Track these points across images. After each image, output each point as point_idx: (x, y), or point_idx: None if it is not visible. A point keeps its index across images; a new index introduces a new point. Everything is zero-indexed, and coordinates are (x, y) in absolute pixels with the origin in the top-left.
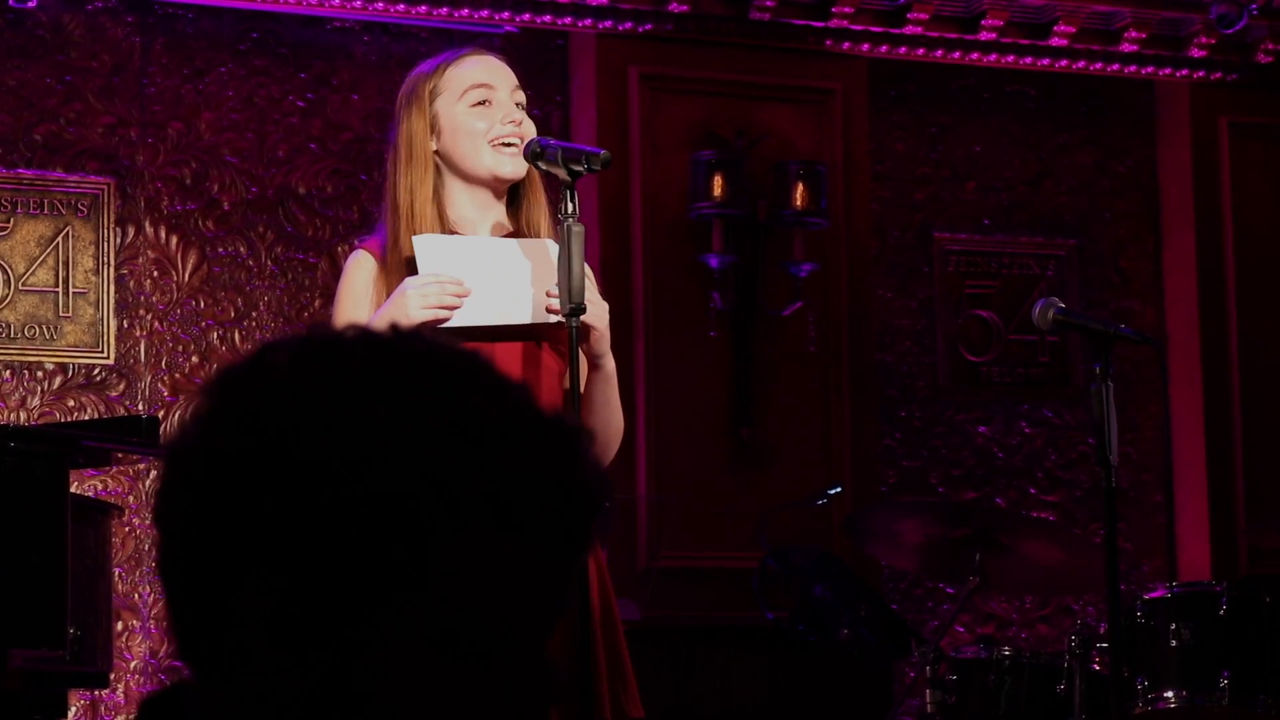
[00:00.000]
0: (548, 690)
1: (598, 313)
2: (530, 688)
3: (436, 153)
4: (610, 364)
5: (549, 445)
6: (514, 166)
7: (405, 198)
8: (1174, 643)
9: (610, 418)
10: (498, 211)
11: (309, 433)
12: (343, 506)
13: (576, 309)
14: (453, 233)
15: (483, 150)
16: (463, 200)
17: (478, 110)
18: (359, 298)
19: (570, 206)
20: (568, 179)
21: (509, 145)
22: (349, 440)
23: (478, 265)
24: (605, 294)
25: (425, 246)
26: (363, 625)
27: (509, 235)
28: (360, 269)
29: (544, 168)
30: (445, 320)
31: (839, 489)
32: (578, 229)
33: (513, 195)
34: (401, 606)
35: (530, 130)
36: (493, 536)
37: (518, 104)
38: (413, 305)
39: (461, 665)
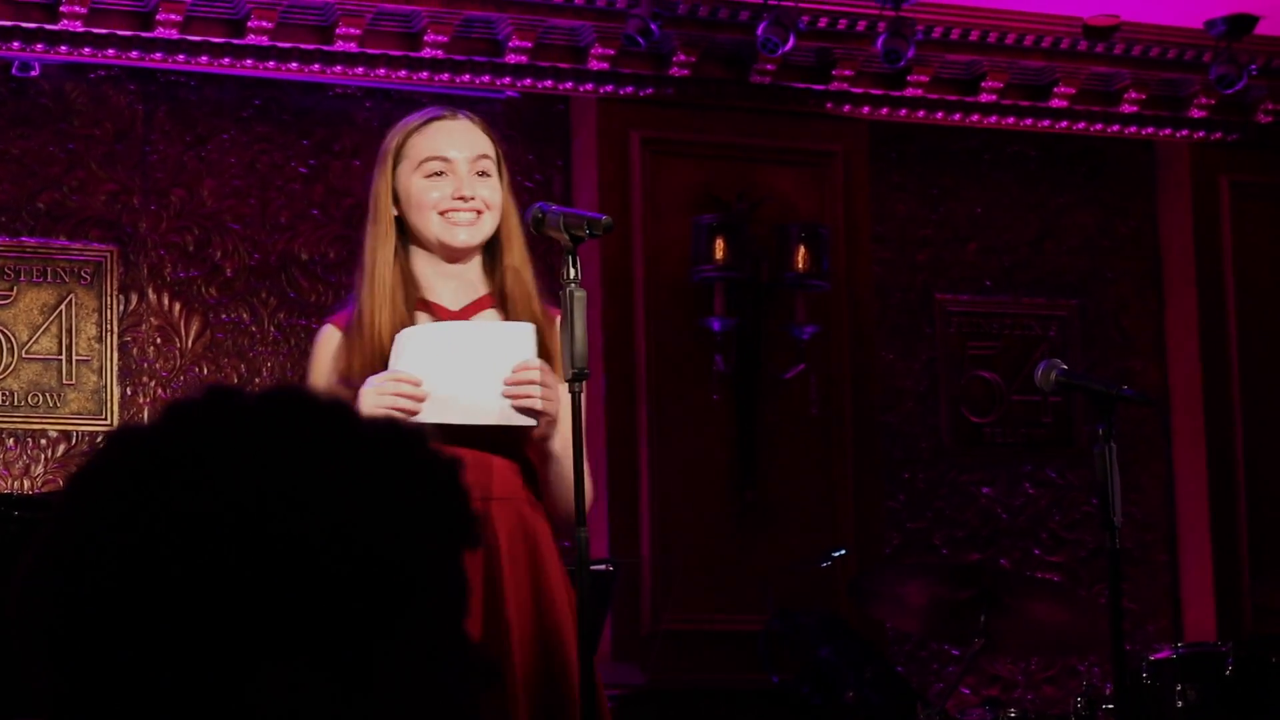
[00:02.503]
0: (487, 666)
1: (554, 401)
2: (474, 667)
3: (397, 217)
4: (558, 443)
5: (436, 462)
6: (466, 236)
7: (369, 258)
8: (1180, 704)
9: (564, 492)
10: (462, 275)
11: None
12: (342, 564)
13: (580, 374)
14: (416, 295)
15: (432, 220)
16: (422, 264)
17: (432, 181)
18: (320, 373)
19: (572, 272)
20: (569, 244)
21: (462, 214)
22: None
23: (453, 357)
24: (609, 357)
25: (401, 341)
26: (379, 638)
27: (486, 297)
28: (324, 345)
29: (546, 233)
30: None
31: (843, 551)
32: (580, 294)
33: (493, 257)
34: (402, 626)
35: (491, 197)
36: (435, 553)
37: (480, 172)
38: (368, 404)
39: (436, 665)
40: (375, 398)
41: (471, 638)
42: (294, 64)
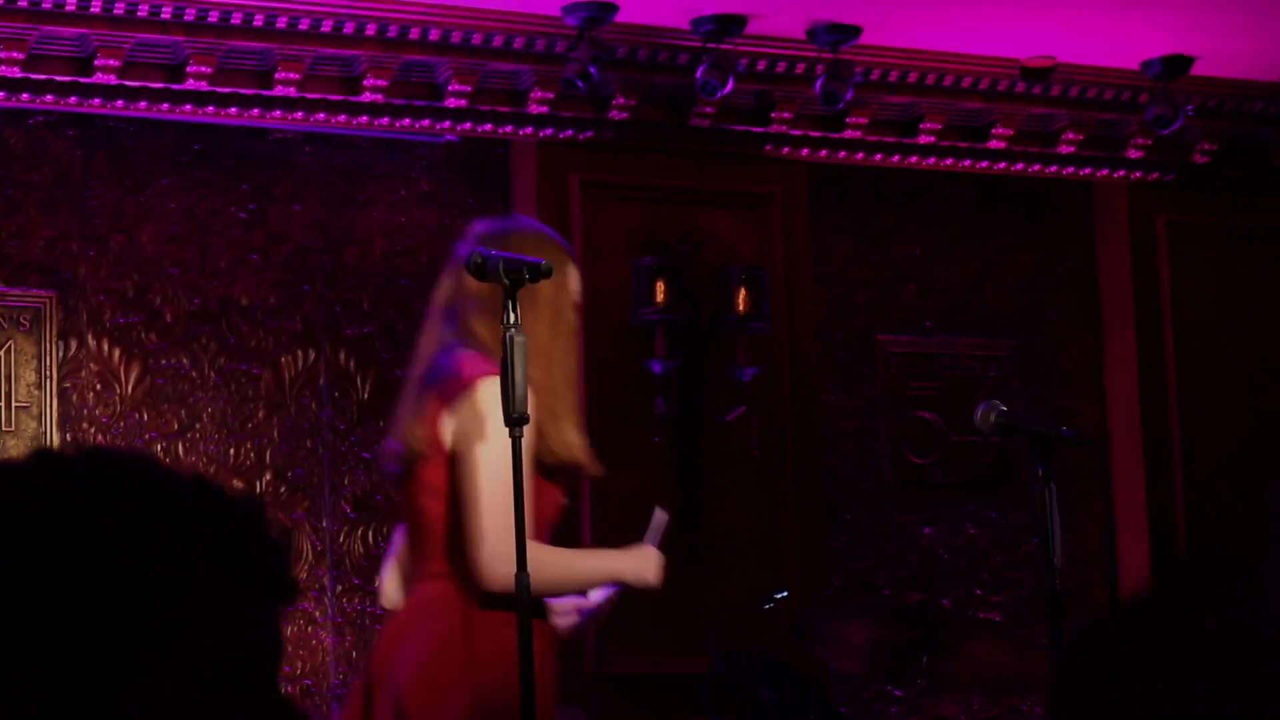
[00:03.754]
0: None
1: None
2: (278, 715)
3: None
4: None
5: (242, 514)
6: None
7: (571, 366)
8: None
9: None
10: None
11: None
12: (101, 586)
13: (520, 419)
14: None
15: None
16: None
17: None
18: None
19: (512, 317)
20: (509, 289)
21: None
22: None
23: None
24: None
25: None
26: (128, 672)
27: None
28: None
29: (486, 278)
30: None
31: (785, 593)
32: (520, 339)
33: None
34: (160, 656)
35: None
36: (218, 590)
37: None
38: (653, 576)
39: (221, 701)
40: (657, 569)
41: (282, 696)
42: (233, 109)
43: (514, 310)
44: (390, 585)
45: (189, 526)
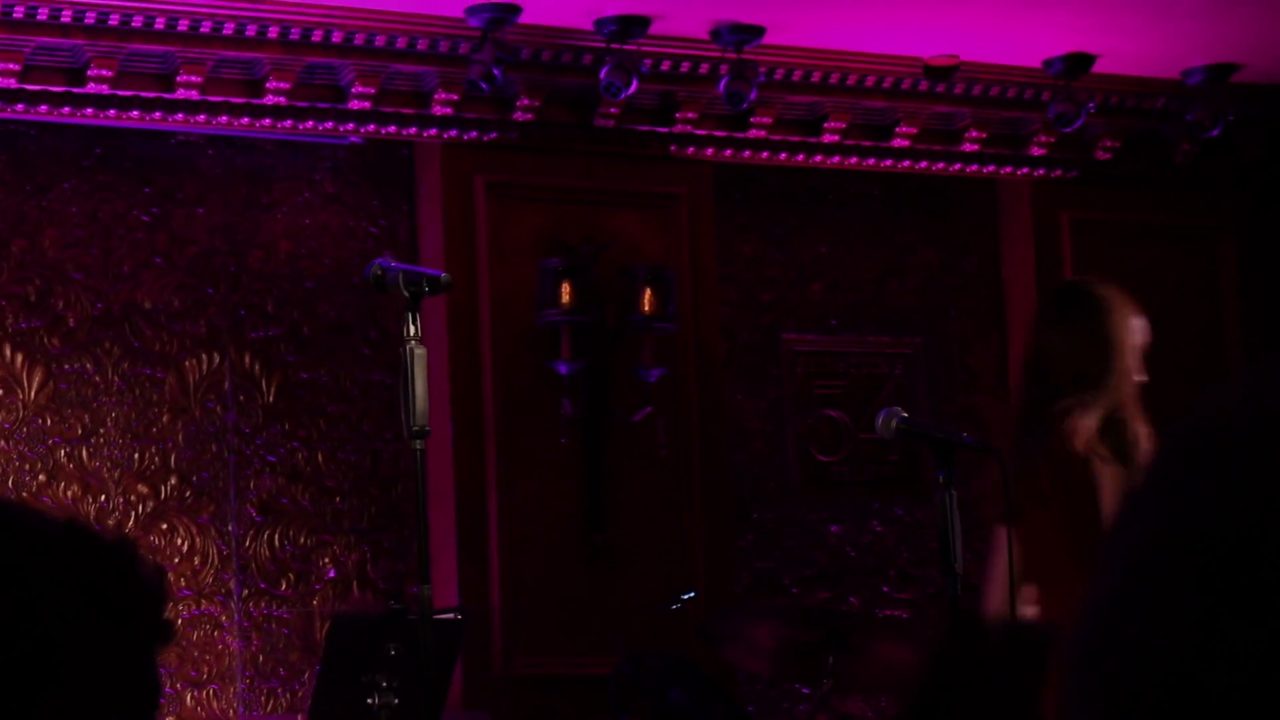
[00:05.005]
0: None
1: None
2: None
3: None
4: None
5: (113, 557)
6: None
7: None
8: None
9: None
10: None
11: None
12: None
13: (420, 431)
14: None
15: None
16: None
17: None
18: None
19: (413, 329)
20: (409, 301)
21: None
22: None
23: None
24: (456, 402)
25: None
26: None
27: None
28: None
29: (386, 290)
30: None
31: (693, 594)
32: (420, 352)
33: None
34: (38, 711)
35: None
36: (95, 636)
37: None
38: None
39: None
40: None
41: None
42: (135, 112)
43: (415, 322)
44: None
45: (60, 573)
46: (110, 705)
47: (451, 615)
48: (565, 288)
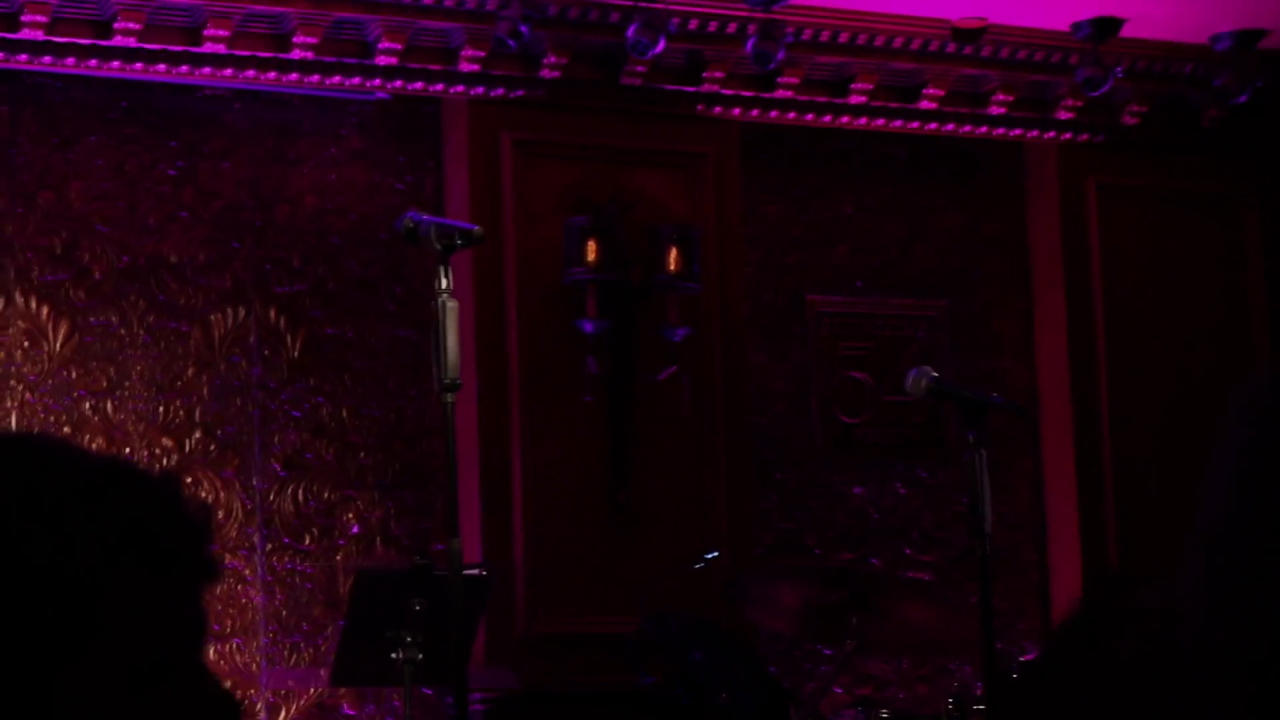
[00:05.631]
0: (225, 700)
1: None
2: (208, 697)
3: None
4: None
5: (158, 495)
6: None
7: None
8: None
9: None
10: None
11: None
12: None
13: (452, 384)
14: None
15: None
16: None
17: None
18: None
19: (444, 282)
20: (441, 254)
21: None
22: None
23: None
24: (481, 360)
25: None
26: (53, 671)
27: None
28: None
29: (418, 243)
30: None
31: (716, 554)
32: (452, 305)
33: None
34: (86, 652)
35: None
36: (140, 576)
37: None
38: None
39: (150, 689)
40: None
41: (210, 676)
42: (162, 65)
43: (446, 275)
44: None
45: (104, 513)
46: (156, 642)
47: (478, 571)
48: (591, 246)
